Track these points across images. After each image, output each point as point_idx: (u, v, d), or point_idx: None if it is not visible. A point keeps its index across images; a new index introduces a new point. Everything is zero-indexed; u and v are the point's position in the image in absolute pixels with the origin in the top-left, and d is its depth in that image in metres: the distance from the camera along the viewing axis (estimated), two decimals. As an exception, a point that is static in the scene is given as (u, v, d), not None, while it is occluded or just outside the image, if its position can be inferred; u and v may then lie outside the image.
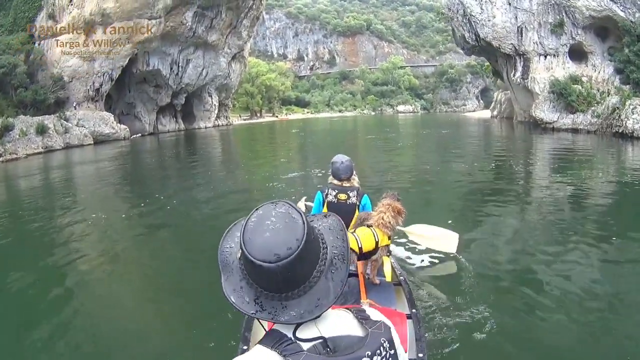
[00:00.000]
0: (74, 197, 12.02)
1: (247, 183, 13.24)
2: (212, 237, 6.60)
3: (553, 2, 28.92)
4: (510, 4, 30.29)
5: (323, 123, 57.74)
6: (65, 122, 31.09)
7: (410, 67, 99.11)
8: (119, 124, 35.90)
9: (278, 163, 18.67)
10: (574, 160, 15.05)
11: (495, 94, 53.29)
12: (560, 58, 29.84)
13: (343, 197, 3.88)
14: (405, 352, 1.29)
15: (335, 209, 3.73)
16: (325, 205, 3.91)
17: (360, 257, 3.32)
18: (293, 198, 4.25)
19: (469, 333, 3.75)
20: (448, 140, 26.25)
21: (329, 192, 3.93)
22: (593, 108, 26.02)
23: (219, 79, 46.12)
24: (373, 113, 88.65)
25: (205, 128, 47.18)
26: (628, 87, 25.79)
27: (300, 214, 1.03)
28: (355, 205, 3.88)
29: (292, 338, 1.03)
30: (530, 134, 26.86)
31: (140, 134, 39.12)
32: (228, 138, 37.39)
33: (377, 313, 1.15)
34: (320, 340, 1.02)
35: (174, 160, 21.72)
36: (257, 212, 1.05)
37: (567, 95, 27.49)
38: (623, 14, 25.90)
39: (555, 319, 4.08)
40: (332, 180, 4.02)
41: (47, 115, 30.08)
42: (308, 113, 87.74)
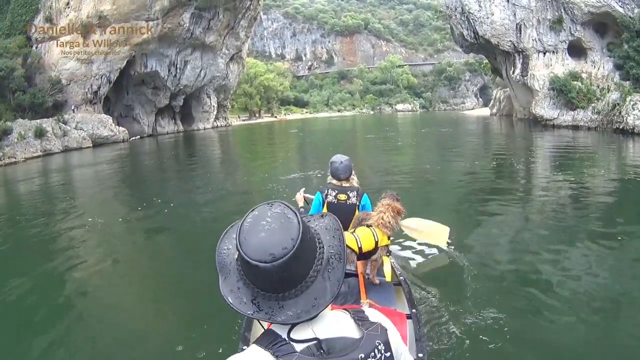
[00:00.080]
0: (73, 200, 11.95)
1: (246, 184, 13.18)
2: (211, 239, 6.57)
3: (551, -2, 28.90)
4: (509, 1, 30.19)
5: (322, 123, 57.73)
6: (64, 125, 31.06)
7: (409, 65, 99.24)
8: (118, 127, 35.86)
9: (277, 164, 18.61)
10: (575, 158, 15.00)
11: (494, 92, 53.30)
12: (560, 55, 29.77)
13: (343, 197, 3.82)
14: None
15: (335, 210, 3.68)
16: (325, 206, 3.84)
17: (360, 257, 3.30)
18: (293, 199, 4.22)
19: (469, 333, 3.73)
20: (448, 139, 26.21)
21: (329, 192, 3.86)
22: (593, 104, 25.98)
23: (217, 80, 46.09)
24: (372, 112, 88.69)
25: (204, 129, 47.15)
26: (628, 83, 25.71)
27: (296, 214, 1.03)
28: (355, 206, 3.82)
29: (286, 339, 1.03)
30: (530, 132, 26.81)
31: (139, 136, 39.06)
32: (227, 139, 37.36)
33: (376, 314, 1.15)
34: (315, 342, 1.03)
35: (173, 162, 21.67)
36: (252, 212, 1.05)
37: (567, 92, 27.43)
38: (622, 10, 25.82)
39: (557, 319, 4.03)
40: (331, 181, 3.96)
41: (45, 119, 30.02)
42: (307, 113, 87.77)
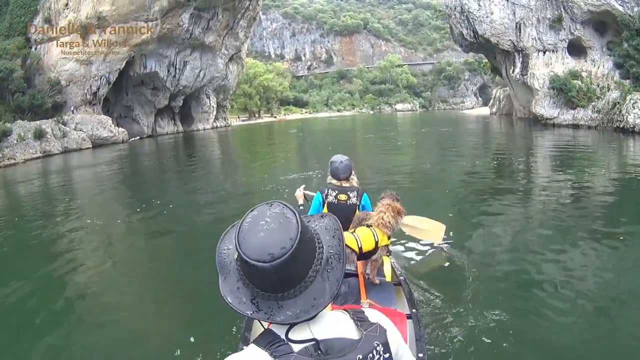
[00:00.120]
0: (73, 202, 11.91)
1: (245, 185, 13.12)
2: (210, 240, 6.59)
3: (551, -3, 28.86)
4: (508, 0, 30.17)
5: (321, 123, 57.67)
6: (63, 126, 31.05)
7: (408, 65, 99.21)
8: (117, 127, 35.85)
9: (277, 164, 18.56)
10: (576, 157, 14.95)
11: (494, 91, 53.26)
12: (559, 53, 29.73)
13: (343, 197, 3.81)
14: None
15: (336, 210, 3.67)
16: (326, 206, 3.83)
17: (360, 257, 3.30)
18: (292, 199, 4.20)
19: (470, 333, 3.71)
20: (447, 138, 26.14)
21: (329, 192, 3.85)
22: (593, 103, 25.93)
23: (217, 81, 46.06)
24: (371, 112, 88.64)
25: (204, 130, 47.11)
26: (628, 81, 25.64)
27: (295, 214, 1.03)
28: (356, 206, 3.81)
29: (284, 339, 1.03)
30: (531, 131, 26.76)
31: (139, 137, 39.01)
32: (226, 139, 37.32)
33: (376, 315, 1.14)
34: (312, 342, 1.02)
35: (173, 163, 21.64)
36: (252, 213, 1.05)
37: (567, 91, 27.38)
38: (622, 8, 25.77)
39: (558, 319, 4.00)
40: (331, 181, 3.95)
41: (44, 120, 30.01)
42: (306, 113, 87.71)
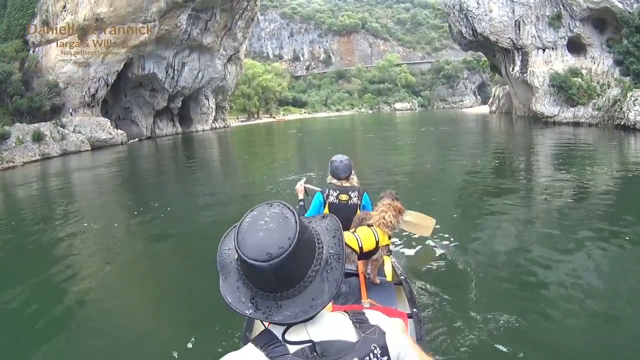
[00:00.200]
0: (72, 205, 11.84)
1: (245, 187, 13.03)
2: (210, 242, 6.52)
3: (550, -6, 28.79)
4: (507, -2, 30.12)
5: (321, 123, 57.63)
6: (62, 128, 30.98)
7: (407, 64, 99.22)
8: (116, 129, 35.79)
9: (276, 165, 18.46)
10: (577, 155, 14.89)
11: (494, 89, 53.20)
12: (559, 51, 29.66)
13: (344, 197, 3.79)
14: None
15: (337, 210, 3.67)
16: (327, 207, 3.80)
17: (361, 256, 3.30)
18: (292, 200, 4.16)
19: (471, 332, 3.70)
20: (447, 138, 26.04)
21: (330, 192, 3.83)
22: (594, 101, 25.86)
23: (215, 82, 46.00)
24: (370, 111, 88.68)
25: (203, 131, 47.07)
26: (628, 78, 25.62)
27: (294, 214, 1.03)
28: (357, 206, 3.79)
29: (281, 340, 1.03)
30: (531, 129, 26.69)
31: (138, 139, 38.94)
32: (225, 140, 37.27)
33: (377, 316, 1.14)
34: (309, 344, 1.02)
35: (172, 165, 21.58)
36: (251, 212, 1.05)
37: (567, 89, 27.33)
38: (621, 5, 25.72)
39: (559, 319, 3.97)
40: (331, 180, 3.93)
41: (43, 123, 29.96)
42: (305, 113, 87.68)
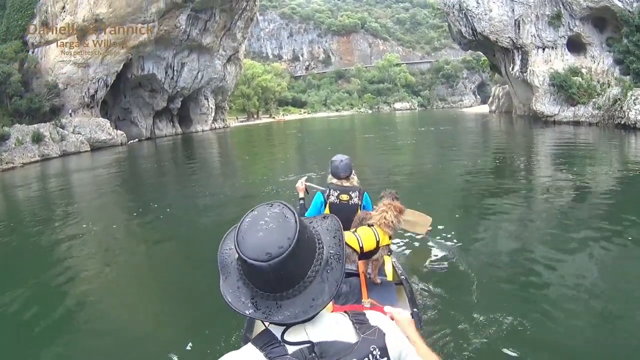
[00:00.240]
0: (71, 206, 11.79)
1: (245, 188, 12.97)
2: (209, 243, 6.72)
3: (550, -7, 28.75)
4: (507, -3, 30.08)
5: (320, 123, 57.58)
6: (61, 129, 30.97)
7: (406, 64, 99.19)
8: (116, 130, 35.77)
9: (276, 166, 18.38)
10: (579, 155, 14.84)
11: (493, 89, 53.18)
12: (559, 50, 29.62)
13: (345, 197, 3.79)
14: None
15: (338, 210, 3.67)
16: (328, 207, 3.80)
17: (362, 256, 3.30)
18: (293, 200, 4.14)
19: (471, 332, 3.70)
20: (447, 137, 26.00)
21: (331, 192, 3.82)
22: (594, 100, 25.81)
23: (215, 82, 45.96)
24: (370, 111, 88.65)
25: (203, 131, 47.04)
26: (628, 77, 25.56)
27: (294, 214, 1.03)
28: (358, 206, 3.78)
29: (280, 340, 1.03)
30: (531, 128, 26.65)
31: (137, 139, 38.94)
32: (225, 141, 37.22)
33: (378, 317, 1.13)
34: (307, 345, 1.02)
35: (172, 166, 21.52)
36: (252, 212, 1.05)
37: (567, 88, 27.28)
38: (621, 4, 25.66)
39: (560, 319, 3.95)
40: (331, 180, 3.94)
41: (42, 123, 29.96)
42: (305, 113, 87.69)
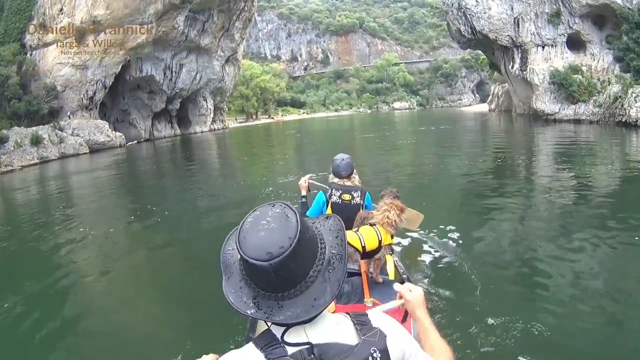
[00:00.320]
0: (70, 209, 11.72)
1: (244, 189, 12.84)
2: (209, 245, 6.79)
3: (549, -9, 28.67)
4: (506, -5, 29.99)
5: (319, 123, 57.48)
6: (60, 131, 30.87)
7: (405, 63, 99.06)
8: (114, 132, 35.68)
9: (276, 167, 18.22)
10: (580, 153, 14.77)
11: (492, 87, 53.17)
12: (559, 48, 29.57)
13: (347, 197, 3.78)
14: None
15: (340, 210, 3.67)
16: (330, 206, 3.79)
17: (364, 256, 3.30)
18: (293, 201, 4.10)
19: (473, 331, 3.70)
20: (447, 137, 25.92)
21: (333, 192, 3.81)
22: (594, 98, 25.75)
23: (213, 83, 45.87)
24: (369, 111, 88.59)
25: (202, 132, 46.95)
26: (629, 75, 25.50)
27: (296, 214, 1.03)
28: (360, 206, 3.78)
29: (280, 341, 1.03)
30: (531, 127, 26.60)
31: (136, 141, 38.86)
32: (224, 142, 37.14)
33: (380, 318, 1.13)
34: (307, 346, 1.02)
35: (171, 167, 21.44)
36: (254, 213, 1.05)
37: (567, 86, 27.22)
38: (620, 1, 25.57)
39: (562, 318, 3.94)
40: (333, 179, 3.93)
41: (41, 126, 29.88)
42: (304, 113, 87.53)
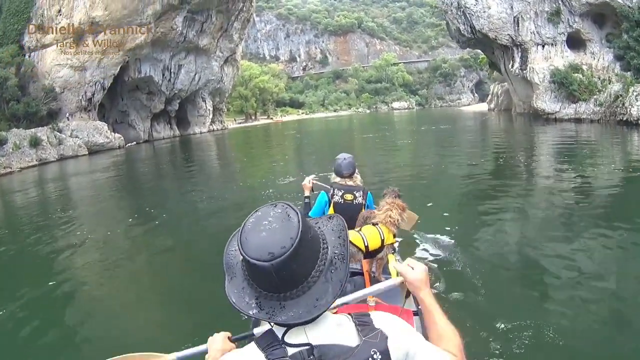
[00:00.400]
0: (69, 212, 11.62)
1: (244, 191, 12.72)
2: (209, 247, 6.79)
3: (549, -10, 28.61)
4: (505, -6, 29.91)
5: (318, 123, 57.40)
6: (59, 133, 30.80)
7: (403, 63, 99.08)
8: (113, 133, 35.61)
9: (275, 167, 18.06)
10: (581, 152, 14.70)
11: (492, 87, 53.10)
12: (559, 47, 29.50)
13: (349, 197, 3.78)
14: None
15: (342, 210, 3.68)
16: (332, 206, 3.79)
17: (366, 255, 3.31)
18: (294, 202, 4.00)
19: (475, 329, 3.69)
20: (447, 136, 25.83)
21: (335, 192, 3.81)
22: (595, 96, 25.66)
23: (212, 83, 45.79)
24: (368, 111, 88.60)
25: (201, 133, 46.87)
26: (629, 73, 25.39)
27: (297, 214, 1.02)
28: (362, 205, 3.78)
29: (280, 341, 1.03)
30: (532, 126, 26.53)
31: (135, 142, 38.82)
32: (223, 143, 37.07)
33: (382, 319, 1.11)
34: (307, 347, 1.02)
35: (170, 169, 21.35)
36: (256, 213, 1.05)
37: (568, 85, 27.12)
38: (620, 0, 25.53)
39: (564, 318, 3.92)
40: (334, 179, 3.93)
41: (40, 128, 29.82)
42: (303, 114, 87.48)
